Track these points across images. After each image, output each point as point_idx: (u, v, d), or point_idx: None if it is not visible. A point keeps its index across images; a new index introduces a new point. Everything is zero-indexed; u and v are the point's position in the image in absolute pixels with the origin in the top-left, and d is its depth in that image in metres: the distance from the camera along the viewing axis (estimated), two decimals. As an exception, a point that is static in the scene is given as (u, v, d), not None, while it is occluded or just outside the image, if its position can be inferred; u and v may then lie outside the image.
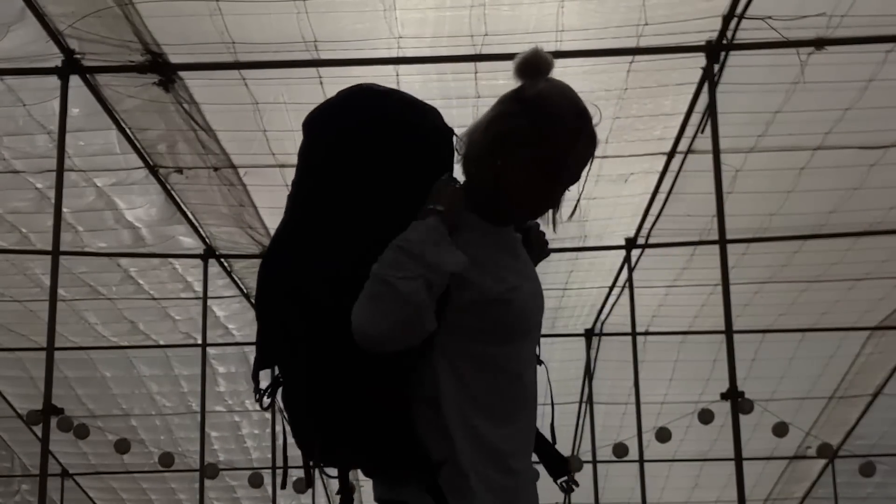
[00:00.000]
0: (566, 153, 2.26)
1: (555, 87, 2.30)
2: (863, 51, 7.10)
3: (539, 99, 2.27)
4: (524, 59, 2.30)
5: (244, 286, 10.77)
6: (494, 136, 2.29)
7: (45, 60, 7.12)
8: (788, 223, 9.30)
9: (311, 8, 6.69)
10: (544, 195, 2.31)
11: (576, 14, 6.85)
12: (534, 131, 2.26)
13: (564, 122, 2.26)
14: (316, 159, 2.31)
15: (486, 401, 2.24)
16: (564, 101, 2.28)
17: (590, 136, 2.30)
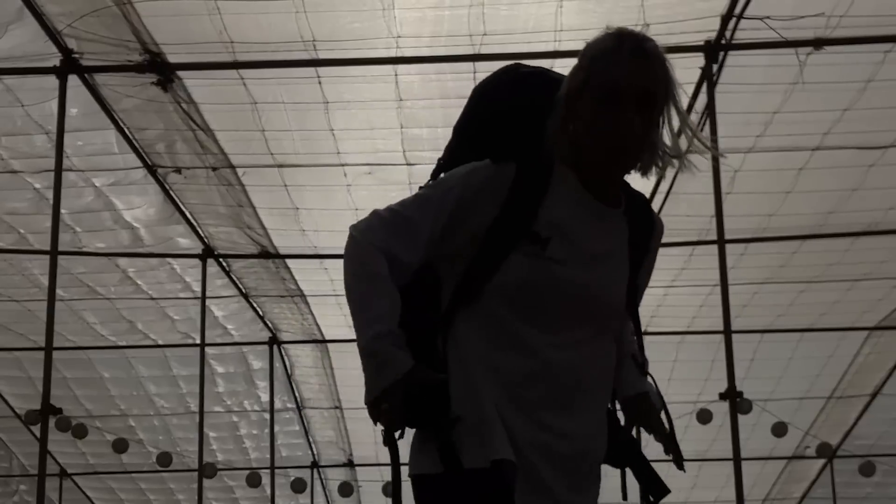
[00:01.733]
0: (611, 73, 2.23)
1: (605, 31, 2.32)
2: (861, 51, 7.10)
3: (588, 44, 2.31)
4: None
5: (242, 286, 10.76)
6: (563, 97, 2.31)
7: (43, 60, 7.12)
8: (787, 223, 9.30)
9: (310, 7, 6.68)
10: (616, 124, 2.24)
11: (574, 14, 6.85)
12: (583, 72, 2.28)
13: (602, 48, 2.27)
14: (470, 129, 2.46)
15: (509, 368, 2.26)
16: (603, 33, 2.30)
17: (634, 48, 2.25)
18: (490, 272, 2.26)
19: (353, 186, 8.64)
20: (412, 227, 2.26)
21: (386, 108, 7.76)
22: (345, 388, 12.48)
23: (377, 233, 2.26)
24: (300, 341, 12.05)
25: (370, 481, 13.66)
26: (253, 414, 13.10)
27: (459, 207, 2.27)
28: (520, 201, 2.27)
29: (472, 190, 2.27)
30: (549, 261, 2.25)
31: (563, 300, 2.27)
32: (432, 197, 2.30)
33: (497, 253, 2.25)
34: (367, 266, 2.24)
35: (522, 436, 2.24)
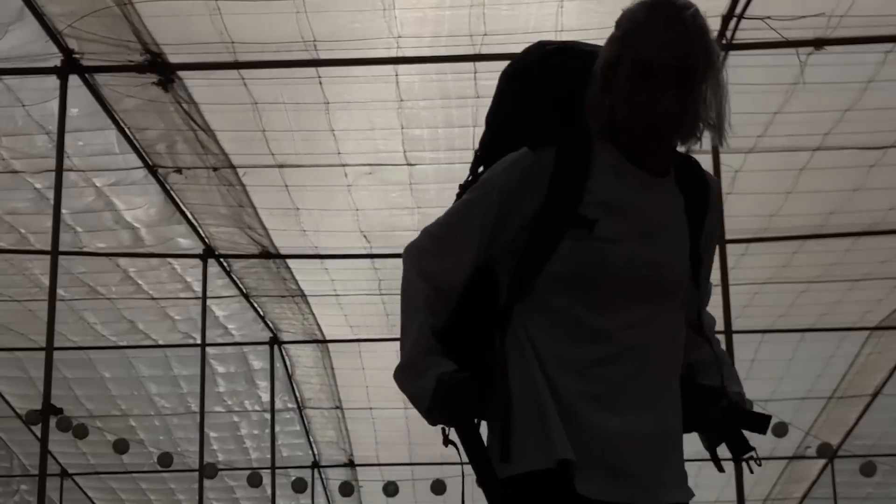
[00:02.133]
0: (645, 46, 2.16)
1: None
2: (862, 51, 7.10)
3: (622, 14, 2.24)
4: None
5: (243, 286, 10.77)
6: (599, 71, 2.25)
7: (44, 60, 7.12)
8: (788, 224, 9.29)
9: (311, 7, 6.68)
10: (653, 100, 2.17)
11: (575, 14, 6.85)
12: (617, 44, 2.21)
13: (636, 19, 2.19)
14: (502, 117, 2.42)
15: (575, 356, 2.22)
16: (636, 4, 2.21)
17: (668, 19, 2.16)
18: (541, 262, 2.22)
19: (354, 187, 8.64)
20: (459, 240, 2.28)
21: (386, 108, 7.76)
22: (345, 388, 12.48)
23: (423, 257, 2.30)
24: (301, 341, 12.05)
25: (371, 481, 13.66)
26: (254, 414, 13.10)
27: (504, 205, 2.24)
28: (563, 186, 2.21)
29: (512, 184, 2.24)
30: (600, 241, 2.19)
31: (620, 279, 2.21)
32: (475, 200, 2.28)
33: (546, 242, 2.21)
34: (409, 300, 2.30)
35: (595, 425, 2.18)
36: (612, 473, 2.18)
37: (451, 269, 2.28)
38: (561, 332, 2.22)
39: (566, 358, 2.22)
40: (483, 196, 2.26)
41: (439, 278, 2.28)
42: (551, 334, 2.23)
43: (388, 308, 10.65)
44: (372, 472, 13.65)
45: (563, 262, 2.20)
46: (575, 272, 2.20)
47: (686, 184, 2.31)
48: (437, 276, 2.28)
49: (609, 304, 2.21)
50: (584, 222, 2.19)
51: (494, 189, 2.25)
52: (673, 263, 2.27)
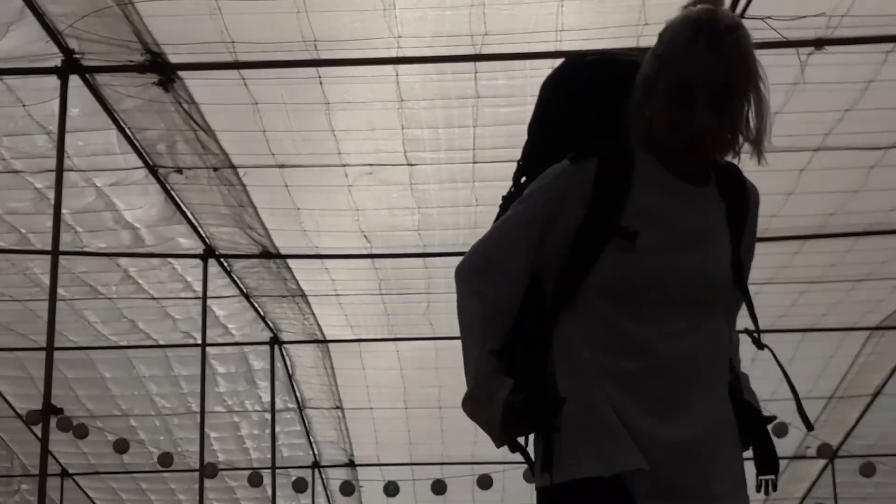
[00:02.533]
0: (685, 68, 2.17)
1: (682, 12, 2.25)
2: (863, 51, 7.10)
3: (664, 29, 2.26)
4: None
5: (244, 286, 10.77)
6: (638, 86, 2.27)
7: (44, 60, 7.11)
8: (788, 224, 9.29)
9: (311, 7, 6.68)
10: (691, 122, 2.19)
11: (575, 14, 6.84)
12: (658, 61, 2.23)
13: (678, 39, 2.20)
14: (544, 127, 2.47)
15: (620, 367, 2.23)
16: (680, 19, 2.22)
17: (710, 42, 2.16)
18: (583, 273, 2.24)
19: (354, 187, 8.64)
20: (510, 258, 2.29)
21: (387, 108, 7.76)
22: (346, 388, 12.48)
23: (478, 278, 2.31)
24: (301, 341, 12.05)
25: (371, 481, 13.66)
26: (254, 414, 13.10)
27: (547, 218, 2.26)
28: (605, 197, 2.23)
29: (556, 197, 2.26)
30: (643, 252, 2.21)
31: (664, 289, 2.22)
32: (521, 216, 2.29)
33: (588, 253, 2.23)
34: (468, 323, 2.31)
35: (645, 436, 2.18)
36: (661, 487, 2.17)
37: (505, 289, 2.29)
38: (605, 342, 2.23)
39: (611, 369, 2.22)
40: (528, 213, 2.28)
41: (496, 299, 2.29)
42: (596, 345, 2.24)
43: (388, 308, 10.65)
44: (372, 472, 13.65)
45: (605, 273, 2.23)
46: (618, 282, 2.22)
47: (726, 191, 2.33)
48: (493, 297, 2.29)
49: (652, 314, 2.23)
50: (627, 234, 2.21)
51: (538, 203, 2.27)
52: (715, 271, 2.30)
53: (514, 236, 2.28)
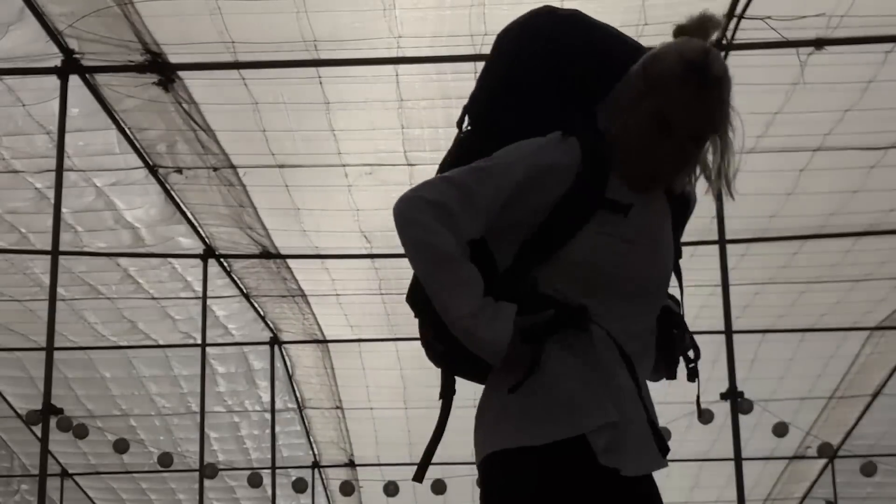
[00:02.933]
0: (671, 104, 2.21)
1: (677, 42, 2.26)
2: (863, 51, 7.10)
3: (654, 54, 2.26)
4: (681, 23, 2.30)
5: (243, 286, 10.77)
6: (618, 95, 2.28)
7: (44, 60, 7.12)
8: (788, 224, 9.29)
9: (311, 7, 6.69)
10: (662, 152, 2.24)
11: (575, 14, 6.84)
12: (644, 85, 2.24)
13: (669, 73, 2.21)
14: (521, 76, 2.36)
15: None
16: (675, 53, 2.23)
17: (700, 88, 2.21)
18: (557, 245, 2.23)
19: (354, 187, 8.64)
20: (483, 195, 2.21)
21: (387, 108, 7.76)
22: (345, 388, 12.48)
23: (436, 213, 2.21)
24: (301, 341, 12.05)
25: (371, 481, 13.66)
26: (254, 414, 13.09)
27: (524, 185, 2.22)
28: (592, 174, 2.24)
29: (539, 169, 2.23)
30: (619, 240, 2.24)
31: (629, 278, 2.27)
32: (493, 170, 2.23)
33: (568, 226, 2.22)
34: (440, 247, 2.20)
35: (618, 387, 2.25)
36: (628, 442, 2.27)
37: (471, 216, 2.22)
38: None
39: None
40: (502, 170, 2.23)
41: (465, 228, 2.21)
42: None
43: (389, 308, 10.65)
44: (372, 472, 13.64)
45: (581, 251, 2.22)
46: (590, 264, 2.23)
47: (671, 195, 2.40)
48: (464, 227, 2.21)
49: (610, 298, 2.26)
50: (620, 207, 2.23)
51: (516, 167, 2.22)
52: (668, 268, 2.37)
53: (489, 177, 2.22)
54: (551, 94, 2.33)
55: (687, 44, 2.25)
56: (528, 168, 2.22)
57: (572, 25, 2.39)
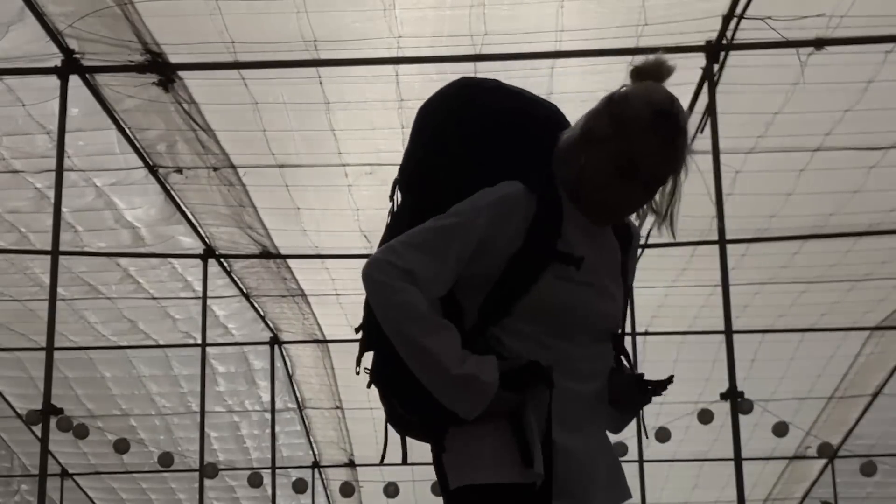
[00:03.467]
0: (638, 151, 2.29)
1: (643, 88, 2.34)
2: (862, 51, 7.10)
3: (622, 97, 2.33)
4: (637, 64, 2.37)
5: (244, 286, 10.77)
6: (581, 133, 2.36)
7: (44, 60, 7.12)
8: (788, 224, 9.30)
9: (311, 7, 6.69)
10: (623, 194, 2.34)
11: (575, 14, 6.85)
12: (610, 128, 2.32)
13: (638, 120, 2.29)
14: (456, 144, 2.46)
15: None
16: (644, 100, 2.31)
17: (667, 136, 2.30)
18: (518, 294, 2.32)
19: (354, 186, 8.65)
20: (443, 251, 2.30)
21: (387, 108, 7.76)
22: (346, 388, 12.48)
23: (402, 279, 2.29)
24: (301, 341, 12.06)
25: (371, 481, 13.67)
26: (254, 414, 13.10)
27: (489, 235, 2.31)
28: (545, 226, 2.33)
29: (502, 217, 2.32)
30: (577, 283, 2.35)
31: (591, 320, 2.38)
32: (455, 228, 2.31)
33: (527, 276, 2.32)
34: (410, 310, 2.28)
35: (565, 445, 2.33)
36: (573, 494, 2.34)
37: (438, 276, 2.30)
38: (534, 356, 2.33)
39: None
40: (466, 224, 2.31)
41: (433, 288, 2.30)
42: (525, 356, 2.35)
43: (389, 308, 10.63)
44: (372, 472, 13.64)
45: (545, 296, 2.32)
46: (555, 308, 2.33)
47: (616, 231, 2.48)
48: (432, 287, 2.30)
49: (575, 340, 2.37)
50: (572, 259, 2.34)
51: (479, 219, 2.31)
52: (620, 308, 2.48)
53: (450, 236, 2.30)
54: (485, 153, 2.42)
55: (654, 91, 2.33)
56: (488, 223, 2.31)
57: (493, 93, 2.50)
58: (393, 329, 2.30)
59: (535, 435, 2.29)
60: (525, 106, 2.50)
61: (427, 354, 2.27)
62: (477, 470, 2.32)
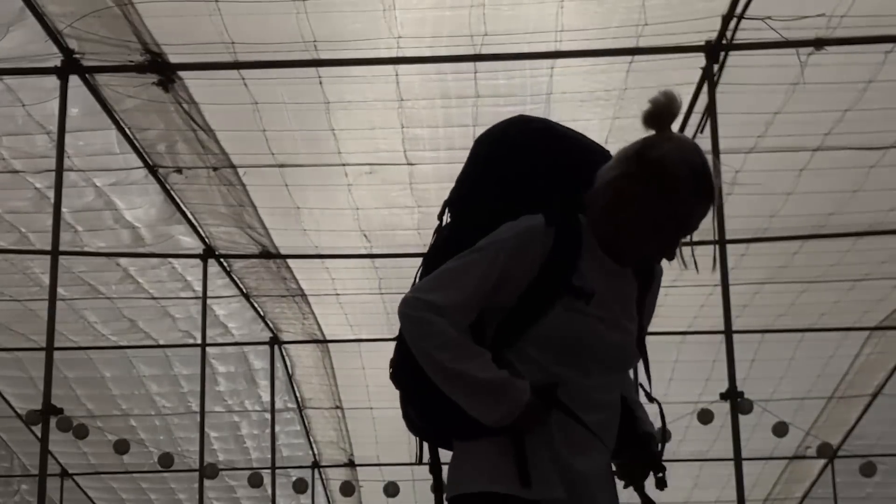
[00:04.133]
0: (685, 213, 2.42)
1: (676, 151, 2.41)
2: (862, 51, 7.10)
3: (659, 165, 2.39)
4: (650, 110, 2.42)
5: (243, 286, 10.77)
6: (616, 194, 2.43)
7: (44, 60, 7.12)
8: (788, 224, 9.30)
9: (311, 8, 6.69)
10: (661, 247, 2.46)
11: (575, 14, 6.85)
12: (652, 195, 2.39)
13: (682, 188, 2.39)
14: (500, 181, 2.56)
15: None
16: (684, 167, 2.39)
17: (706, 196, 2.42)
18: (529, 322, 2.40)
19: (354, 186, 8.65)
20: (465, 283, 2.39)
21: (387, 108, 7.76)
22: (345, 388, 12.48)
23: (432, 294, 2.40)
24: (301, 341, 12.06)
25: (371, 481, 13.66)
26: (254, 414, 13.10)
27: (510, 266, 2.40)
28: (561, 260, 2.40)
29: (523, 249, 2.40)
30: (592, 317, 2.41)
31: (600, 352, 2.44)
32: (480, 261, 2.40)
33: (539, 306, 2.39)
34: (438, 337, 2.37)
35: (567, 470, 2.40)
36: None
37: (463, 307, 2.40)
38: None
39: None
40: (491, 258, 2.40)
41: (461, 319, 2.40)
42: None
43: (389, 307, 10.64)
44: (372, 472, 13.65)
45: (556, 326, 2.40)
46: (568, 337, 2.41)
47: (637, 272, 2.55)
48: (461, 318, 2.39)
49: (587, 371, 2.44)
50: (583, 293, 2.41)
51: (503, 251, 2.40)
52: (633, 347, 2.54)
53: (473, 280, 2.40)
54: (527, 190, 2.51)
55: (685, 149, 2.42)
56: (508, 257, 2.40)
57: (543, 135, 2.59)
58: (426, 358, 2.39)
59: (537, 453, 2.37)
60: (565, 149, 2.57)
61: (461, 375, 2.36)
62: (474, 480, 2.41)
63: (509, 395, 2.35)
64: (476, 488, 2.40)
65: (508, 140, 2.60)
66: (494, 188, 2.54)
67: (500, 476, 2.37)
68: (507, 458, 2.37)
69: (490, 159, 2.60)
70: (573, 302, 2.40)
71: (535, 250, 2.40)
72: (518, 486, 2.35)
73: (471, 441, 2.43)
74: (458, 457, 2.49)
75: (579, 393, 2.42)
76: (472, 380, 2.35)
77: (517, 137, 2.59)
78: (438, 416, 2.48)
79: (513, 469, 2.36)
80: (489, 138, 2.64)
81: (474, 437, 2.42)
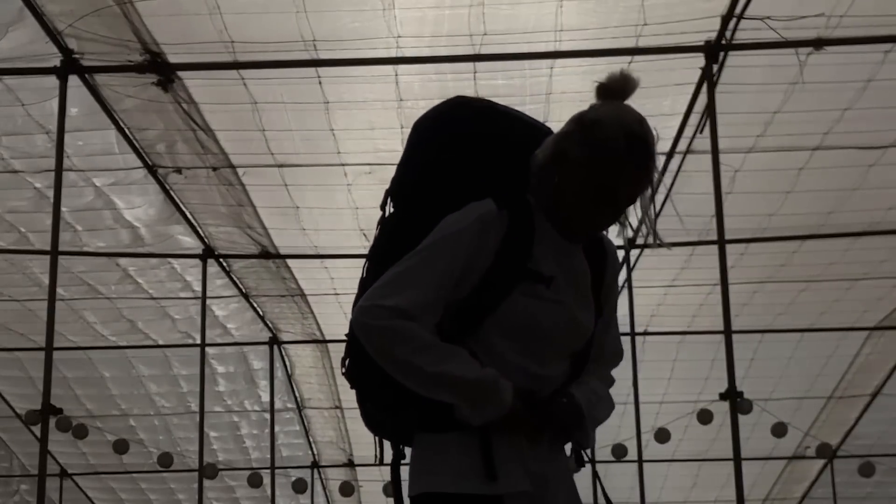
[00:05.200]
0: (615, 179, 2.34)
1: (613, 113, 2.37)
2: (861, 51, 7.11)
3: (595, 124, 2.36)
4: (603, 82, 2.40)
5: (243, 286, 10.77)
6: (553, 154, 2.39)
7: (43, 60, 7.12)
8: (787, 223, 9.30)
9: (310, 7, 6.69)
10: (597, 215, 2.40)
11: (575, 14, 6.85)
12: (584, 154, 2.35)
13: (615, 150, 2.33)
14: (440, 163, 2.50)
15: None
16: (618, 128, 2.34)
17: (642, 163, 2.36)
18: (489, 309, 2.36)
19: (354, 186, 8.65)
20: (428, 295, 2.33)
21: (386, 108, 7.76)
22: (345, 388, 12.42)
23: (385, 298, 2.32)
24: (300, 341, 12.06)
25: (371, 481, 13.67)
26: (253, 414, 13.10)
27: (470, 257, 2.35)
28: (516, 244, 2.37)
29: (481, 238, 2.36)
30: (549, 301, 2.38)
31: (560, 337, 2.42)
32: (441, 257, 2.35)
33: (497, 293, 2.35)
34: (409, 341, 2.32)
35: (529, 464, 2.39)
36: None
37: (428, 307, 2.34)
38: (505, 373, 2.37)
39: None
40: (450, 247, 2.35)
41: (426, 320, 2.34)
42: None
43: (388, 308, 10.63)
44: (372, 472, 13.64)
45: (514, 313, 2.36)
46: (525, 324, 2.37)
47: (588, 250, 2.51)
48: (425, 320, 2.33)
49: (545, 356, 2.42)
50: (542, 278, 2.37)
51: (461, 240, 2.35)
52: (589, 329, 2.50)
53: (433, 278, 2.34)
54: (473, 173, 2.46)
55: (625, 115, 2.36)
56: (468, 247, 2.35)
57: (485, 115, 2.54)
58: (404, 366, 2.33)
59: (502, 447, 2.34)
60: (509, 127, 2.52)
61: (443, 378, 2.31)
62: (437, 477, 2.38)
63: (499, 394, 2.32)
64: (440, 488, 2.37)
65: (448, 122, 2.54)
66: (437, 174, 2.47)
67: (465, 472, 2.34)
68: (471, 451, 2.34)
69: (431, 144, 2.52)
70: (531, 286, 2.36)
71: (491, 238, 2.35)
72: (484, 481, 2.32)
73: (435, 433, 2.39)
74: (419, 452, 2.46)
75: (540, 380, 2.40)
76: (458, 380, 2.31)
77: (457, 119, 2.54)
78: (399, 407, 2.43)
79: (478, 463, 2.33)
80: (428, 122, 2.57)
81: (441, 428, 2.38)
